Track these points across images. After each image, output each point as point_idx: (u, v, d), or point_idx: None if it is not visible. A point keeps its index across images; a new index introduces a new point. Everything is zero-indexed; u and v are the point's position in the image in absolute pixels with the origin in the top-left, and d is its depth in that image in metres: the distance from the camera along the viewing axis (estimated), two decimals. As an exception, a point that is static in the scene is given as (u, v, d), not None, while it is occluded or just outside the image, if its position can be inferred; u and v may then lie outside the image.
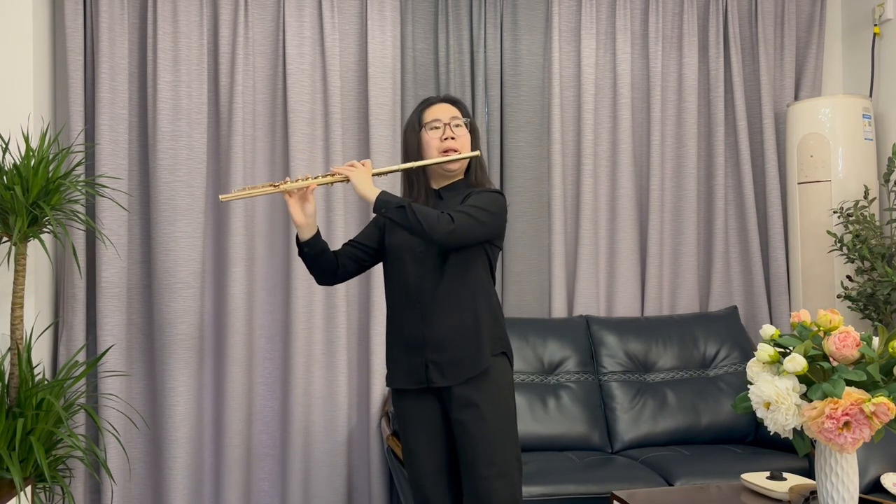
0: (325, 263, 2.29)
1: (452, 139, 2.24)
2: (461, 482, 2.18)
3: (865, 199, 3.39)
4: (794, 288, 3.66)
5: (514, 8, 3.64)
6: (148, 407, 3.33)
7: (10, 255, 2.89)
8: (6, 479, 2.50)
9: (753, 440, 3.29)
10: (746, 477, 2.29)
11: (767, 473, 2.27)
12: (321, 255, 2.28)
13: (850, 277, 3.42)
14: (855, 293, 3.35)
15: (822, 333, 1.85)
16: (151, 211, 3.30)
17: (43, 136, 2.75)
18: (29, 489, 2.52)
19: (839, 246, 3.38)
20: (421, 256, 2.22)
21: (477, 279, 2.22)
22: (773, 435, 2.34)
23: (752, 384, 1.86)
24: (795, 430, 1.84)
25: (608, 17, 3.69)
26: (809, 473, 2.81)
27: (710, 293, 3.76)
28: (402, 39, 3.52)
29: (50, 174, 2.64)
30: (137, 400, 3.33)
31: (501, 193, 2.23)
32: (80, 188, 2.75)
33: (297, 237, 2.27)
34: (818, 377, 1.80)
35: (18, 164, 2.62)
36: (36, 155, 2.65)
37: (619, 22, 3.67)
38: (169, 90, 3.29)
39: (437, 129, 2.25)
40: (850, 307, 3.36)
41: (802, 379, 1.82)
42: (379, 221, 2.36)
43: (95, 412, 2.99)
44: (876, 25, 3.72)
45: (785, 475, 2.25)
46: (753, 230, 3.72)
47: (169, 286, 3.26)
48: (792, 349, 1.83)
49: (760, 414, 1.83)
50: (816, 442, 1.84)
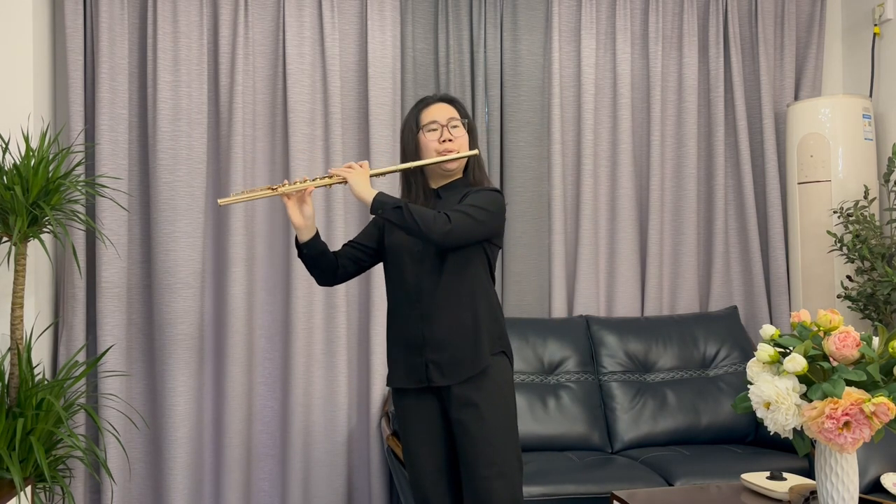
0: (324, 264, 2.29)
1: (450, 141, 2.23)
2: (461, 482, 2.18)
3: (865, 199, 3.39)
4: (794, 288, 3.66)
5: (514, 8, 3.64)
6: (148, 407, 3.33)
7: (10, 255, 2.89)
8: (6, 479, 2.50)
9: (753, 440, 3.29)
10: (746, 477, 2.29)
11: (767, 473, 2.27)
12: (321, 256, 2.28)
13: (850, 277, 3.42)
14: (855, 293, 3.35)
15: (822, 333, 1.85)
16: (151, 211, 3.30)
17: (43, 136, 2.75)
18: (29, 489, 2.52)
19: (839, 246, 3.38)
20: (419, 256, 2.22)
21: (476, 278, 2.21)
22: (773, 435, 2.35)
23: (752, 384, 1.86)
24: (795, 430, 1.84)
25: (608, 17, 3.69)
26: (809, 473, 2.81)
27: (710, 293, 3.76)
28: (402, 39, 3.52)
29: (50, 174, 2.64)
30: (137, 400, 3.33)
31: (499, 192, 2.22)
32: (80, 188, 2.75)
33: (296, 239, 2.27)
34: (818, 377, 1.80)
35: (18, 164, 2.62)
36: (36, 155, 2.65)
37: (619, 22, 3.67)
38: (169, 90, 3.29)
39: (434, 131, 2.24)
40: (850, 307, 3.36)
41: (802, 379, 1.82)
42: (378, 221, 2.36)
43: (95, 412, 2.99)
44: (876, 25, 3.72)
45: (785, 475, 2.24)
46: (753, 230, 3.72)
47: (169, 286, 3.26)
48: (792, 349, 1.83)
49: (760, 414, 1.83)
50: (816, 442, 1.84)
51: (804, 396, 1.81)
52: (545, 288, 3.62)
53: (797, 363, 1.77)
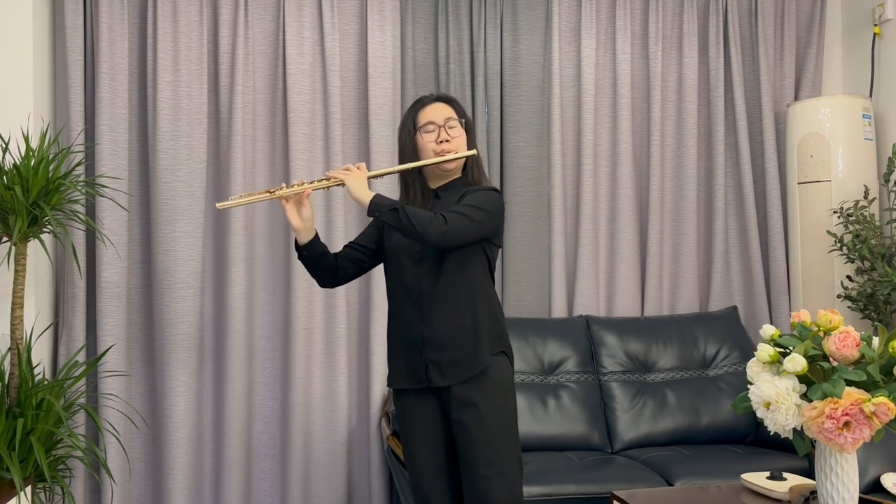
0: (324, 266, 2.29)
1: (447, 141, 2.23)
2: (461, 482, 2.18)
3: (865, 199, 3.39)
4: (794, 288, 3.66)
5: (514, 8, 3.64)
6: (148, 407, 3.33)
7: (10, 255, 2.89)
8: (6, 479, 2.50)
9: (753, 440, 3.29)
10: (746, 477, 2.29)
11: (767, 473, 2.27)
12: (320, 258, 2.28)
13: (850, 277, 3.42)
14: (855, 293, 3.35)
15: (822, 333, 1.85)
16: (151, 211, 3.30)
17: (43, 136, 2.75)
18: (29, 489, 2.52)
19: (839, 246, 3.38)
20: (418, 257, 2.22)
21: (475, 278, 2.21)
22: (773, 435, 2.34)
23: (752, 384, 1.86)
24: (795, 430, 1.84)
25: (608, 17, 3.69)
26: (809, 473, 2.81)
27: (710, 293, 3.76)
28: (402, 39, 3.52)
29: (50, 174, 2.64)
30: (137, 400, 3.33)
31: (497, 191, 2.22)
32: (80, 188, 2.75)
33: (295, 241, 2.27)
34: (818, 377, 1.80)
35: (18, 164, 2.62)
36: (36, 155, 2.65)
37: (619, 22, 3.67)
38: (169, 90, 3.29)
39: (431, 132, 2.24)
40: (850, 307, 3.36)
41: (802, 379, 1.82)
42: (378, 223, 2.36)
43: (95, 412, 2.99)
44: (876, 25, 3.72)
45: (785, 475, 2.24)
46: (753, 230, 3.72)
47: (169, 286, 3.26)
48: (792, 349, 1.83)
49: (760, 414, 1.83)
50: (816, 442, 1.84)
51: (804, 396, 1.81)
52: (545, 288, 3.62)
53: (797, 363, 1.77)
